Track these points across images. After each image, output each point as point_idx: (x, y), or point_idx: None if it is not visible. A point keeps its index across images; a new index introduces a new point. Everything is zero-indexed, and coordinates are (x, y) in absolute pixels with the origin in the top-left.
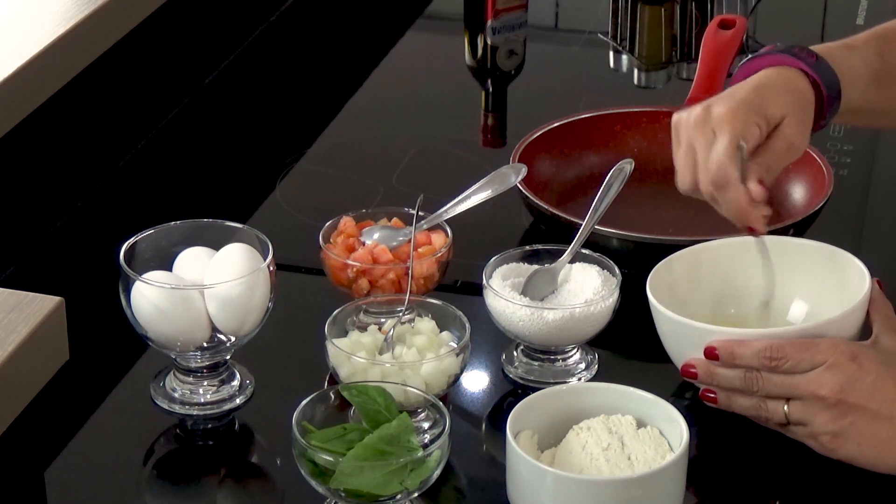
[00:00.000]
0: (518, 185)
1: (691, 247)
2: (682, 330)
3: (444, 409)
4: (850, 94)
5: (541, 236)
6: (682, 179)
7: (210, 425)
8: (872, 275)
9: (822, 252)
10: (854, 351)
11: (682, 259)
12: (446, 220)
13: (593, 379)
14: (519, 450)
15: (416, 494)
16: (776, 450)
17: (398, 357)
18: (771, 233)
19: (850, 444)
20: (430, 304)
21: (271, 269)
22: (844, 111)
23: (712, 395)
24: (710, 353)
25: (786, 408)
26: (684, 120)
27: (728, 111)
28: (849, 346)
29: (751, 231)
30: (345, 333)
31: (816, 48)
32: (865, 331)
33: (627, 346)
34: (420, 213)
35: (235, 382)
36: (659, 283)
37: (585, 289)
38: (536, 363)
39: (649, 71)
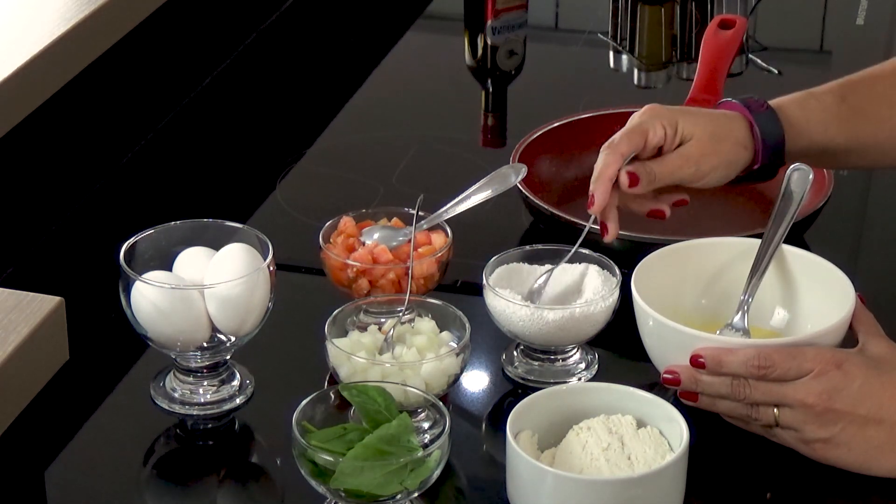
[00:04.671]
0: (518, 185)
1: (680, 243)
2: (670, 334)
3: (444, 409)
4: (803, 139)
5: (541, 236)
6: None
7: (210, 425)
8: (870, 276)
9: (808, 262)
10: (840, 358)
11: (669, 254)
12: (446, 220)
13: (593, 379)
14: (519, 450)
15: (416, 494)
16: (776, 450)
17: (398, 357)
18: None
19: (841, 450)
20: (430, 304)
21: (271, 269)
22: (815, 153)
23: (690, 394)
24: (696, 362)
25: (776, 411)
26: None
27: (649, 106)
28: (835, 354)
29: (590, 199)
30: (345, 333)
31: (782, 98)
32: (849, 341)
33: (627, 346)
34: (420, 213)
35: (235, 382)
36: (642, 281)
37: (585, 289)
38: (536, 363)
39: (649, 71)
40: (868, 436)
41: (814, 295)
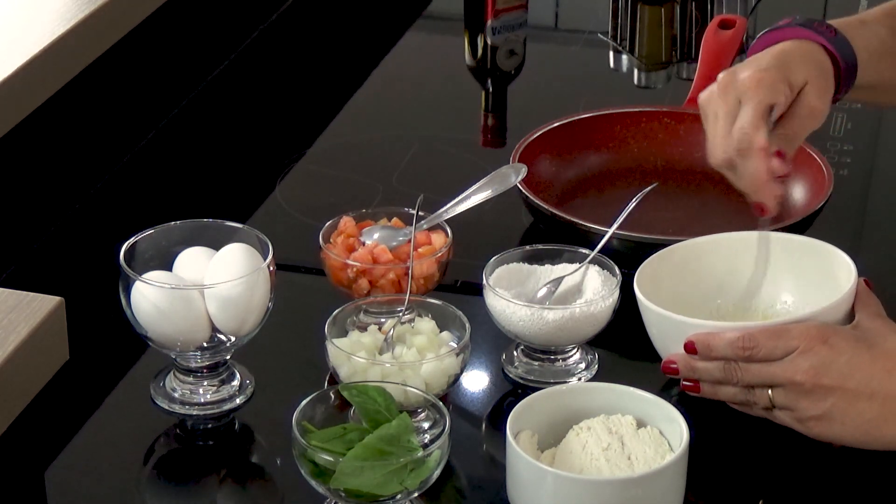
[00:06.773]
0: (518, 185)
1: (681, 242)
2: (665, 323)
3: (444, 409)
4: (864, 69)
5: (541, 236)
6: (712, 153)
7: (210, 425)
8: (871, 275)
9: (810, 247)
10: (825, 333)
11: (672, 254)
12: (446, 220)
13: (593, 379)
14: (519, 450)
15: (416, 494)
16: (776, 450)
17: (398, 357)
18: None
19: (835, 426)
20: (430, 304)
21: (271, 269)
22: (856, 87)
23: (692, 384)
24: (689, 348)
25: (770, 392)
26: (710, 92)
27: (753, 77)
28: (820, 330)
29: (759, 209)
30: (345, 333)
31: (833, 22)
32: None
33: (627, 346)
34: (420, 213)
35: (235, 382)
36: (647, 279)
37: (585, 289)
38: (536, 363)
39: (649, 71)
40: (860, 409)
41: (818, 279)
